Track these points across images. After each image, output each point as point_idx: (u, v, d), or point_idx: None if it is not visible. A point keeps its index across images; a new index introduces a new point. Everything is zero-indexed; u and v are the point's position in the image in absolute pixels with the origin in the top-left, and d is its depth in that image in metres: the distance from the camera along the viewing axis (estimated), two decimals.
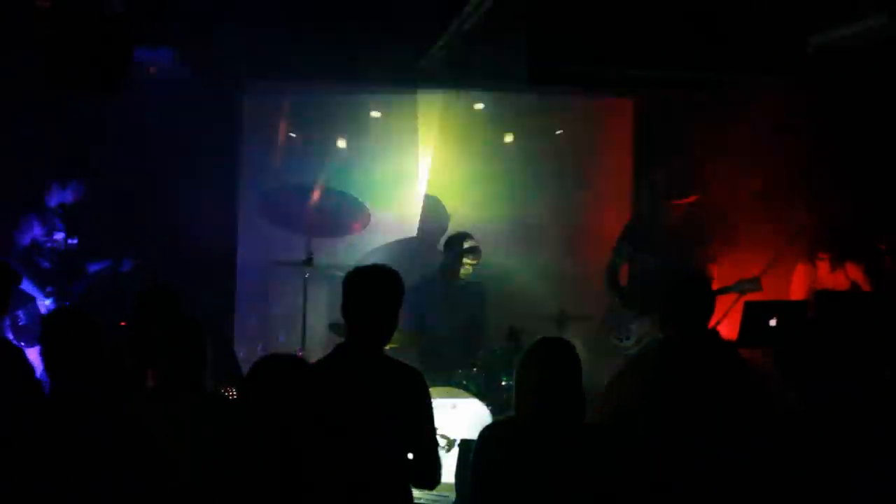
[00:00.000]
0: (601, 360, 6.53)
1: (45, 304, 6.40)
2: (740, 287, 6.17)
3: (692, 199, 6.48)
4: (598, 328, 6.69)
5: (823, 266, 6.49)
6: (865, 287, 6.42)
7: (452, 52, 6.29)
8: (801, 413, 3.01)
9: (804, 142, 6.81)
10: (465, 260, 6.56)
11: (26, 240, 6.43)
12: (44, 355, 3.40)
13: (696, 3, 3.51)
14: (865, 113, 6.76)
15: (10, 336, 6.14)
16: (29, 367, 4.42)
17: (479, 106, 7.71)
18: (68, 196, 6.56)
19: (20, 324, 6.30)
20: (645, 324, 6.41)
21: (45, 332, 3.41)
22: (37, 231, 6.46)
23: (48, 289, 6.42)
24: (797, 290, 6.67)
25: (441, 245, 6.95)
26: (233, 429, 2.92)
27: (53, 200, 6.52)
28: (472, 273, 6.65)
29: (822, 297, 6.27)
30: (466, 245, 6.57)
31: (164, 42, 6.55)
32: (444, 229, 7.58)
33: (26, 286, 6.29)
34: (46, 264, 6.46)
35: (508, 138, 7.86)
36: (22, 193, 6.68)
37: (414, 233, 7.78)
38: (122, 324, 5.13)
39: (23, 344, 5.92)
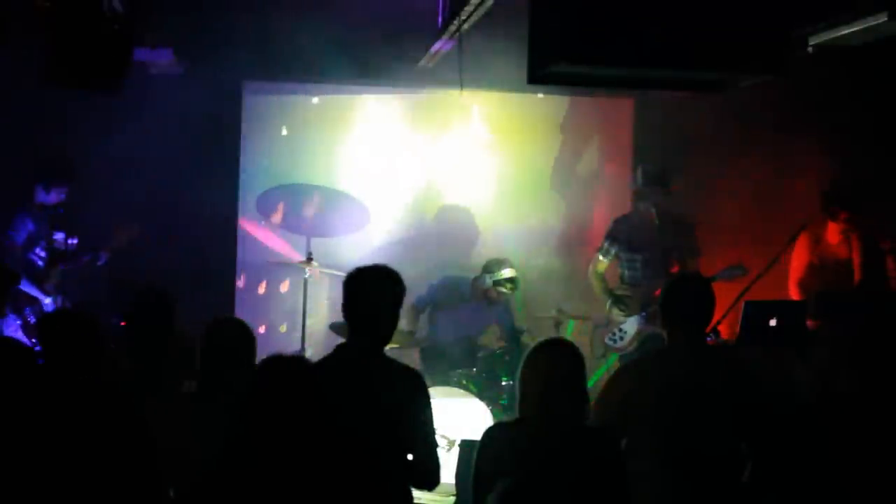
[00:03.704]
0: (599, 361, 6.55)
1: (46, 302, 6.42)
2: (727, 274, 6.16)
3: (676, 187, 6.48)
4: (592, 329, 6.68)
5: (835, 229, 6.47)
6: (858, 271, 6.43)
7: (452, 51, 6.29)
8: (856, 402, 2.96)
9: (804, 141, 6.83)
10: (501, 289, 6.56)
11: (21, 238, 6.45)
12: (43, 355, 3.41)
13: (696, 3, 3.50)
14: (865, 113, 6.77)
15: (22, 335, 6.18)
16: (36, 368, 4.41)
17: (476, 105, 7.70)
18: (52, 198, 6.55)
19: (31, 322, 6.33)
20: (637, 323, 6.40)
21: (43, 332, 3.41)
22: (31, 228, 6.48)
23: (48, 287, 6.44)
24: (799, 255, 6.64)
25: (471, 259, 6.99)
26: (236, 428, 2.92)
27: (40, 200, 6.54)
28: (507, 299, 6.68)
29: (820, 297, 6.27)
30: (505, 274, 6.56)
31: (164, 42, 6.54)
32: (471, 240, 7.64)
33: (26, 286, 6.32)
34: (41, 263, 6.49)
35: (507, 138, 7.85)
36: (18, 193, 6.69)
37: (412, 232, 7.75)
38: (123, 324, 5.14)
39: (34, 341, 5.95)
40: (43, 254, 6.50)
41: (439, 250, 7.50)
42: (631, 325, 6.41)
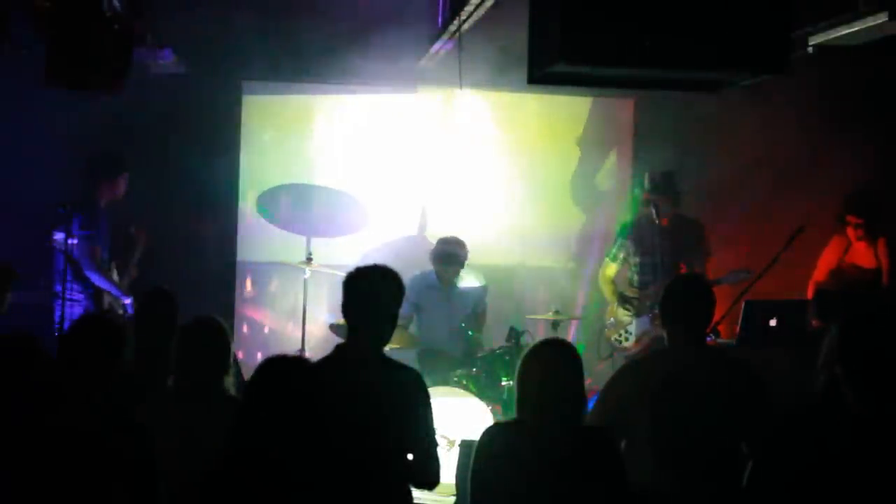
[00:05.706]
0: (602, 362, 6.55)
1: (126, 302, 6.32)
2: (733, 278, 6.18)
3: (679, 194, 6.47)
4: (597, 329, 6.69)
5: (855, 234, 6.47)
6: (887, 275, 6.44)
7: (453, 51, 6.30)
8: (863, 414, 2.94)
9: (804, 141, 6.83)
10: (445, 265, 6.51)
11: (102, 239, 6.35)
12: (60, 357, 3.38)
13: (696, 3, 3.51)
14: (864, 113, 6.78)
15: None
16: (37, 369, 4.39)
17: (477, 106, 7.70)
18: (121, 188, 6.44)
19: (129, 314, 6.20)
20: (643, 323, 6.41)
21: (70, 336, 3.37)
22: (104, 225, 6.37)
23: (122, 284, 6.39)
24: (827, 260, 6.65)
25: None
26: (236, 429, 2.93)
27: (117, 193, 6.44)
28: (456, 278, 6.57)
29: (821, 297, 6.27)
30: (441, 251, 6.50)
31: (164, 42, 6.55)
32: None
33: (106, 285, 6.24)
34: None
35: (508, 139, 7.85)
36: (20, 193, 6.69)
37: (414, 231, 7.78)
38: None
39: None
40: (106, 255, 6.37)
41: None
42: (636, 327, 6.44)
